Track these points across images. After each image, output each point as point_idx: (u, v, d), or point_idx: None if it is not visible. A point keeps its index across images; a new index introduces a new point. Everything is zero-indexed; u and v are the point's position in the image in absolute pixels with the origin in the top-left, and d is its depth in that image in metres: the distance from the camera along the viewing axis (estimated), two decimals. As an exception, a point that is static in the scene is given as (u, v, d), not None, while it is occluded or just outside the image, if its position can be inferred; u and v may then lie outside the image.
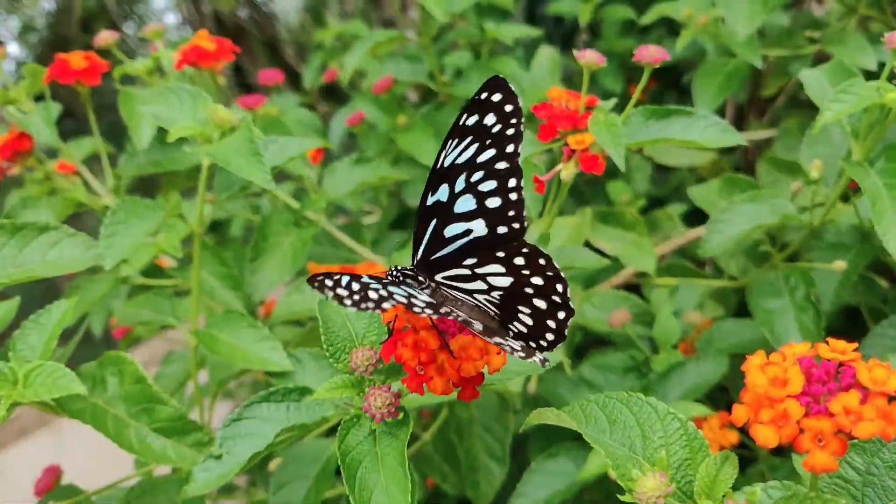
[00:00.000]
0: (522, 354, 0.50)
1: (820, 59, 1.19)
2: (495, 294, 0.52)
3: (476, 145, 0.51)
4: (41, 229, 0.72)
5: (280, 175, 1.30)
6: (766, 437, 0.41)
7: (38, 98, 0.97)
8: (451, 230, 0.53)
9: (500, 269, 0.52)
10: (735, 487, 0.46)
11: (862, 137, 0.78)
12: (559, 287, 0.51)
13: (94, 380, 0.70)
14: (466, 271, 0.52)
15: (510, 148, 0.51)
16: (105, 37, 1.01)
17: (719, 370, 0.90)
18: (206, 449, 0.64)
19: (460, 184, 0.52)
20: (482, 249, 0.52)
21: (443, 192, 0.53)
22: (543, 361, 0.50)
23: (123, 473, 0.87)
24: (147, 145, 0.95)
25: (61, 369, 0.62)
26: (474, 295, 0.52)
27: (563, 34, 1.79)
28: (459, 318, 0.49)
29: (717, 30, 1.16)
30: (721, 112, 1.44)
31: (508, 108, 0.50)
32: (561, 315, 0.51)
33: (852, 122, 0.79)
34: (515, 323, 0.52)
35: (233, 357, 0.75)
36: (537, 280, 0.51)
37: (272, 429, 0.61)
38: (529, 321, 0.51)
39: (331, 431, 0.80)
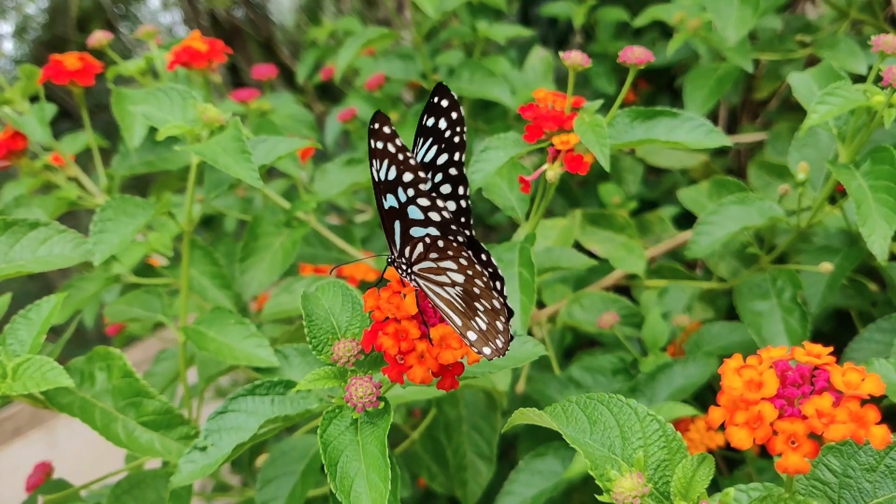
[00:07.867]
0: (487, 353, 0.51)
1: (812, 62, 1.19)
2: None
3: (435, 148, 0.52)
4: (31, 225, 0.72)
5: (272, 172, 1.30)
6: (740, 438, 0.42)
7: (34, 99, 0.98)
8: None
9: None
10: (721, 488, 0.47)
11: (848, 140, 0.78)
12: (499, 284, 0.52)
13: (83, 374, 0.71)
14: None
15: (457, 156, 0.51)
16: (99, 38, 1.02)
17: (707, 372, 0.90)
18: (192, 442, 0.65)
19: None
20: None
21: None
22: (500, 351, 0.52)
23: (116, 471, 0.87)
24: (139, 145, 0.96)
25: (50, 363, 0.62)
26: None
27: (558, 36, 1.80)
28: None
29: (709, 34, 1.17)
30: (714, 115, 1.45)
31: (454, 115, 0.51)
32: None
33: (839, 124, 0.80)
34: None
35: (221, 353, 0.76)
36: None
37: (256, 421, 0.62)
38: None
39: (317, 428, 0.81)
